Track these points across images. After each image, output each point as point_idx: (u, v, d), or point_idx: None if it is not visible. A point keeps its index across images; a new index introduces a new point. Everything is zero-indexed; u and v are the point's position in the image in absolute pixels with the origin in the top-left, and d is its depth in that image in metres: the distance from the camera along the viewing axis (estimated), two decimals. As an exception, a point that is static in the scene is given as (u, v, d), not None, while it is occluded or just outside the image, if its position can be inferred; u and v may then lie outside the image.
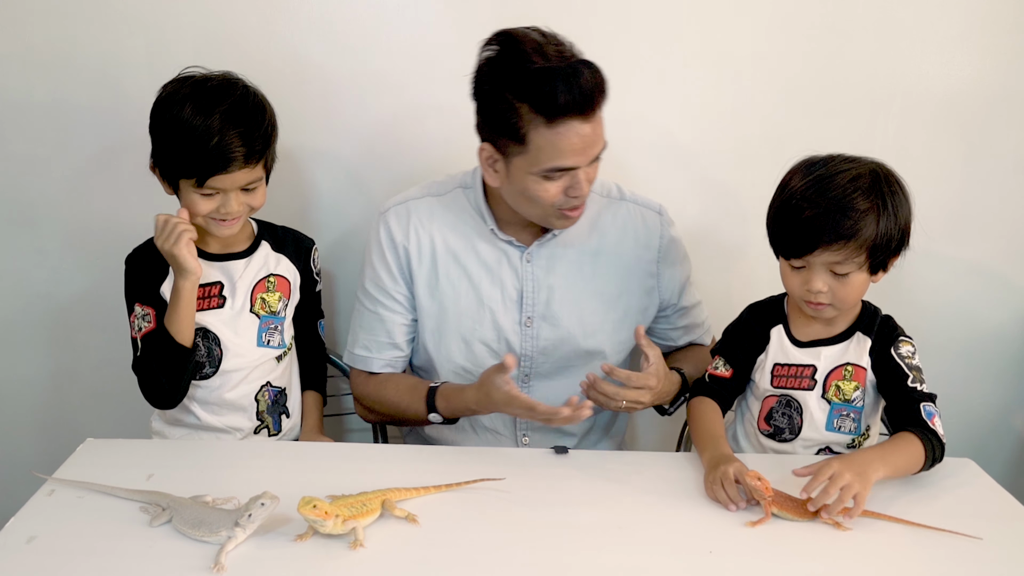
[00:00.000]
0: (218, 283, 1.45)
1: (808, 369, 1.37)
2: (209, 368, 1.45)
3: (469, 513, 1.17)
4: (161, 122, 1.35)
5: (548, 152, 1.31)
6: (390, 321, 1.53)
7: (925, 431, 1.26)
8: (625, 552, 1.09)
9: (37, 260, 1.83)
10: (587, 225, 1.52)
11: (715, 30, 1.74)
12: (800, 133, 1.77)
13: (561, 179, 1.34)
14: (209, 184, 1.33)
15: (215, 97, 1.32)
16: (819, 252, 1.26)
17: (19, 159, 1.76)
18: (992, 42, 1.75)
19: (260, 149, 1.35)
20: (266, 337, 1.49)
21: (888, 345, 1.35)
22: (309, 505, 1.04)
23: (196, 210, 1.36)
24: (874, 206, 1.24)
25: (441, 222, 1.51)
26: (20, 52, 1.69)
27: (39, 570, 1.02)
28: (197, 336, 1.41)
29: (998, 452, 2.07)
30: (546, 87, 1.26)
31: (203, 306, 1.43)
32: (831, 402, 1.37)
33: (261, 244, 1.51)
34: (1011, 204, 1.87)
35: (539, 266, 1.51)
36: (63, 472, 1.24)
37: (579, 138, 1.30)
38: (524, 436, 1.58)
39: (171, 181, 1.38)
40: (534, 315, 1.51)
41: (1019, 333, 1.96)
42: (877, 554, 1.10)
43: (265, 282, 1.49)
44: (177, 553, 1.06)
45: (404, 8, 1.70)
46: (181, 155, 1.32)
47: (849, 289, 1.30)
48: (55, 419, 1.95)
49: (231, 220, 1.39)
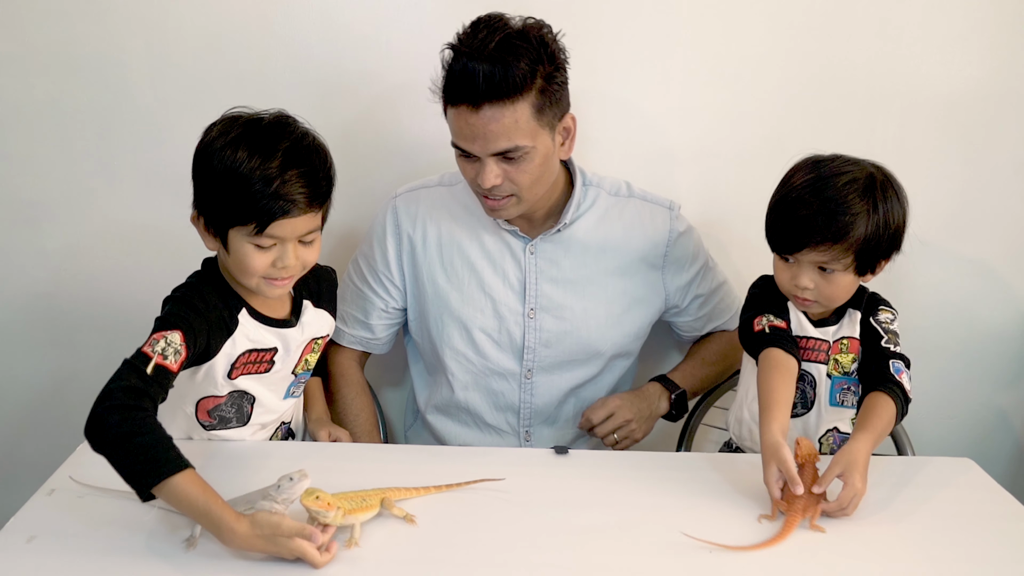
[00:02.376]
0: (273, 349, 1.32)
1: (824, 343, 1.39)
2: (236, 424, 1.35)
3: (469, 513, 1.17)
4: (211, 165, 1.17)
5: (451, 128, 1.37)
6: (370, 302, 1.57)
7: (892, 386, 1.29)
8: (625, 552, 1.09)
9: (37, 260, 1.83)
10: (594, 221, 1.53)
11: (716, 30, 1.74)
12: (800, 133, 1.77)
13: (473, 163, 1.37)
14: (269, 232, 1.17)
15: (273, 136, 1.17)
16: (807, 251, 1.28)
17: (19, 159, 1.76)
18: (992, 42, 1.75)
19: (324, 191, 1.22)
20: (293, 389, 1.40)
21: (869, 313, 1.38)
22: (312, 496, 1.04)
23: (249, 267, 1.20)
24: (865, 212, 1.26)
25: (449, 211, 1.54)
26: (20, 52, 1.69)
27: (39, 570, 1.02)
28: (233, 396, 1.31)
29: (998, 452, 2.07)
30: (444, 68, 1.32)
31: (251, 371, 1.30)
32: (831, 376, 1.39)
33: (304, 304, 1.36)
34: (1011, 204, 1.87)
35: (543, 258, 1.52)
36: (63, 472, 1.24)
37: (467, 126, 1.32)
38: (527, 432, 1.59)
39: (220, 231, 1.20)
40: (536, 307, 1.51)
41: (1019, 333, 1.96)
42: (877, 554, 1.10)
43: (312, 344, 1.38)
44: (177, 552, 1.06)
45: (404, 8, 1.70)
46: (238, 200, 1.15)
47: (834, 288, 1.31)
48: (55, 419, 1.95)
49: (284, 279, 1.24)
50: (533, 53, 1.29)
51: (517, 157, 1.34)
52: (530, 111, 1.31)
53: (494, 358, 1.54)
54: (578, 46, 1.41)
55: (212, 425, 1.34)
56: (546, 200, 1.49)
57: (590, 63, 1.73)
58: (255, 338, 1.29)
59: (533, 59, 1.29)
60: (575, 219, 1.53)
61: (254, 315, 1.29)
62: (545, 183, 1.43)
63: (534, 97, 1.31)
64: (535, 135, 1.34)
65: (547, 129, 1.36)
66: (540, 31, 1.32)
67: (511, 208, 1.43)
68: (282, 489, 1.04)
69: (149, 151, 1.75)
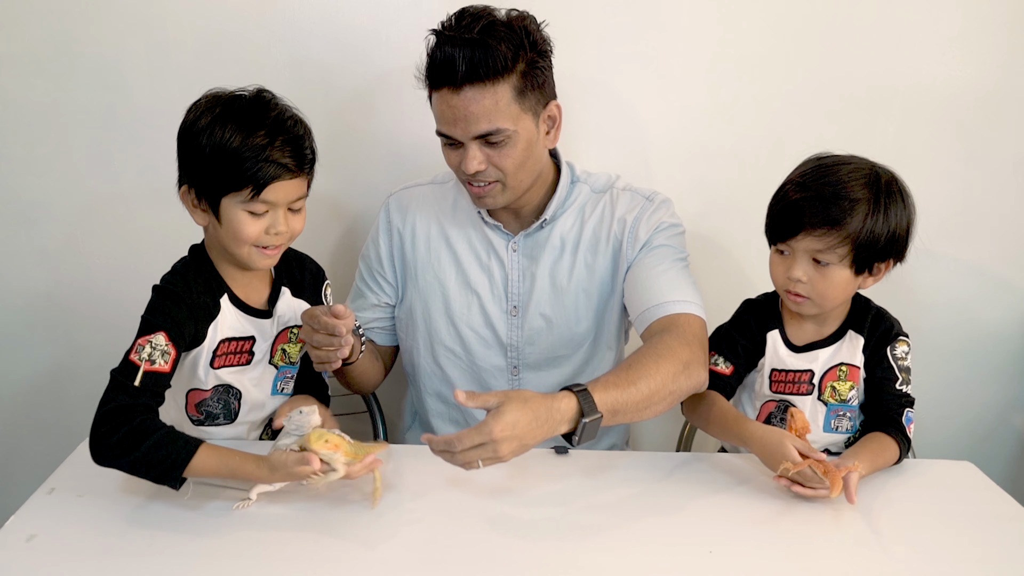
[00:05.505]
0: (251, 338, 1.34)
1: (805, 374, 1.37)
2: (223, 420, 1.36)
3: (469, 513, 1.17)
4: (199, 142, 1.21)
5: (435, 115, 1.38)
6: (365, 298, 1.60)
7: (902, 434, 1.31)
8: (625, 552, 1.09)
9: (37, 260, 1.84)
10: (573, 216, 1.53)
11: (715, 30, 1.74)
12: (800, 133, 1.77)
13: (457, 149, 1.38)
14: (263, 197, 1.21)
15: (258, 110, 1.23)
16: (802, 236, 1.26)
17: (19, 159, 1.77)
18: (992, 42, 1.75)
19: (311, 159, 1.27)
20: (280, 385, 1.41)
21: (884, 344, 1.35)
22: (321, 439, 1.08)
23: (243, 234, 1.23)
24: (866, 201, 1.23)
25: (438, 208, 1.56)
26: (20, 52, 1.69)
27: (39, 569, 1.03)
28: (218, 390, 1.33)
29: (998, 452, 2.07)
30: (428, 53, 1.33)
31: (232, 362, 1.33)
32: (827, 404, 1.37)
33: (282, 292, 1.38)
34: (1011, 204, 1.87)
35: (525, 255, 1.53)
36: (63, 471, 1.24)
37: (449, 108, 1.33)
38: None
39: (212, 202, 1.24)
40: (519, 304, 1.52)
41: (1019, 333, 1.96)
42: (877, 554, 1.10)
43: (288, 333, 1.39)
44: (178, 552, 1.06)
45: (404, 8, 1.70)
46: (231, 169, 1.20)
47: (828, 283, 1.28)
48: (55, 419, 1.95)
49: (275, 248, 1.28)
50: (516, 39, 1.31)
51: (499, 141, 1.35)
52: (511, 93, 1.32)
53: (481, 355, 1.54)
54: (579, 46, 1.41)
55: (200, 420, 1.35)
56: (535, 194, 1.49)
57: (591, 63, 1.73)
58: (234, 326, 1.32)
59: (515, 44, 1.31)
60: (557, 215, 1.52)
61: (234, 302, 1.32)
62: (530, 171, 1.43)
63: (516, 80, 1.32)
64: (517, 119, 1.35)
65: (530, 114, 1.37)
66: (523, 21, 1.34)
67: (497, 196, 1.43)
68: (292, 420, 1.15)
69: (149, 151, 1.75)
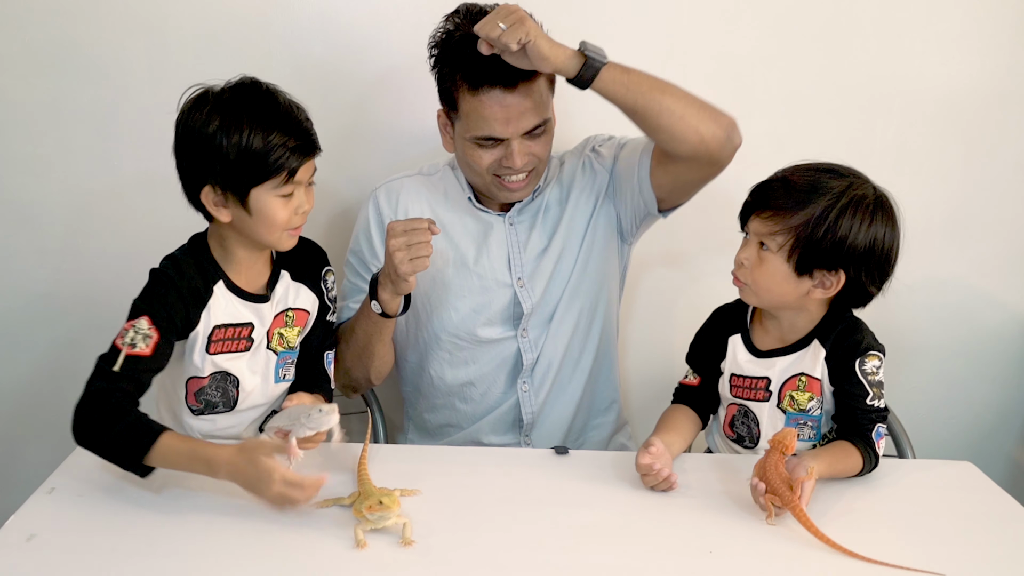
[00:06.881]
0: (249, 324, 1.33)
1: (762, 381, 1.34)
2: (223, 408, 1.35)
3: (469, 513, 1.17)
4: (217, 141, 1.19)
5: (474, 119, 1.37)
6: (360, 293, 1.57)
7: (870, 448, 1.25)
8: (625, 552, 1.09)
9: (37, 260, 1.83)
10: (556, 185, 1.57)
11: (715, 30, 1.74)
12: (800, 133, 1.77)
13: (494, 148, 1.39)
14: (296, 179, 1.23)
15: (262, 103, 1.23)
16: (754, 219, 1.27)
17: (19, 159, 1.76)
18: (992, 42, 1.75)
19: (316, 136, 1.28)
20: (283, 372, 1.39)
21: (850, 358, 1.27)
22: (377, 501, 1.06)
23: (278, 220, 1.24)
24: (825, 201, 1.20)
25: (429, 198, 1.56)
26: (20, 52, 1.69)
27: (39, 569, 1.02)
28: (216, 378, 1.32)
29: (998, 453, 2.07)
30: (469, 53, 1.31)
31: (230, 348, 1.31)
32: (786, 412, 1.34)
33: (281, 275, 1.37)
34: (1011, 204, 1.87)
35: (522, 229, 1.55)
36: (63, 471, 1.24)
37: (501, 108, 1.34)
38: (526, 437, 1.59)
39: (242, 195, 1.22)
40: (523, 275, 1.54)
41: (1019, 333, 1.96)
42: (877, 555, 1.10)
43: (284, 316, 1.37)
44: (177, 552, 1.06)
45: (403, 8, 1.70)
46: (262, 162, 1.20)
47: (764, 271, 1.26)
48: (55, 419, 1.94)
49: (300, 227, 1.30)
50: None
51: (541, 132, 1.40)
52: (546, 83, 1.39)
53: (486, 333, 1.54)
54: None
55: (200, 410, 1.35)
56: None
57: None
58: (230, 311, 1.31)
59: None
60: (543, 187, 1.55)
61: (231, 288, 1.31)
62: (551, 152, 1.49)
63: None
64: (550, 106, 1.42)
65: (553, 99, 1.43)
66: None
67: (531, 184, 1.47)
68: (312, 419, 1.13)
69: (149, 151, 1.75)
